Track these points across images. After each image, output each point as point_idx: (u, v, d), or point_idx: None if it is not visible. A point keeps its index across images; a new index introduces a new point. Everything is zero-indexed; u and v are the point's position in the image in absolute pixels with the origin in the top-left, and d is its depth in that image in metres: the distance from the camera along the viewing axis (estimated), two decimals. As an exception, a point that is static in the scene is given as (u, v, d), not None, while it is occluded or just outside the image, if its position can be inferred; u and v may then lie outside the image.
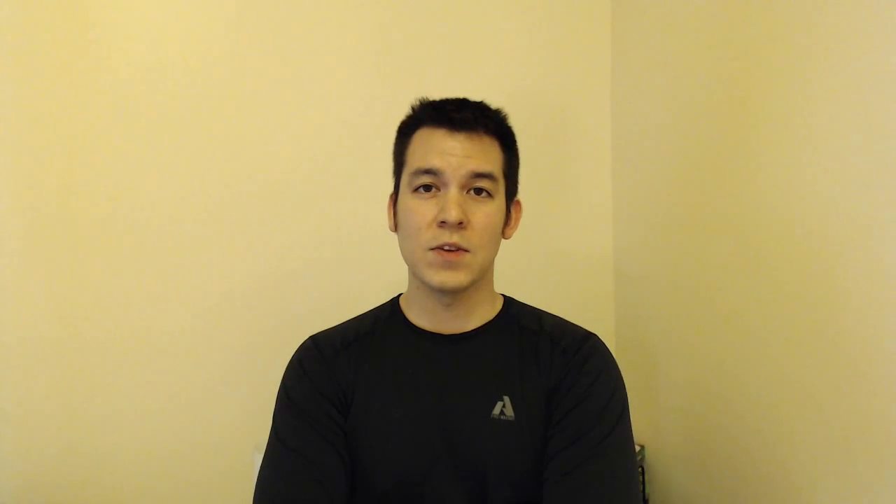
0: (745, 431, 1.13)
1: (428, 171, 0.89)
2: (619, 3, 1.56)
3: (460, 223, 0.86)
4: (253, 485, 0.90)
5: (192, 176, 1.40)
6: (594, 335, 0.95)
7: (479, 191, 0.89)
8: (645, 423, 1.42)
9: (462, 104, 0.93)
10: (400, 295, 1.02)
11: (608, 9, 1.59)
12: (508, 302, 1.01)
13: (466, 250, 0.88)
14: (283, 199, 1.43)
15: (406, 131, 0.96)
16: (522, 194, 1.02)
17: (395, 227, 0.96)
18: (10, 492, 1.31)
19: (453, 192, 0.87)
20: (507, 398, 0.90)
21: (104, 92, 1.36)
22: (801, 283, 1.00)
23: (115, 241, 1.37)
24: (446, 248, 0.87)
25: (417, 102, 0.97)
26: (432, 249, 0.88)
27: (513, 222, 0.99)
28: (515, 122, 0.99)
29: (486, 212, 0.90)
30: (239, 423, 1.39)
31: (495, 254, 0.94)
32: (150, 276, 1.38)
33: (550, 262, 1.56)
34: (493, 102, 0.97)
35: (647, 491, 1.43)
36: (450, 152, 0.89)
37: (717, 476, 1.22)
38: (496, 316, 0.97)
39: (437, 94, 0.97)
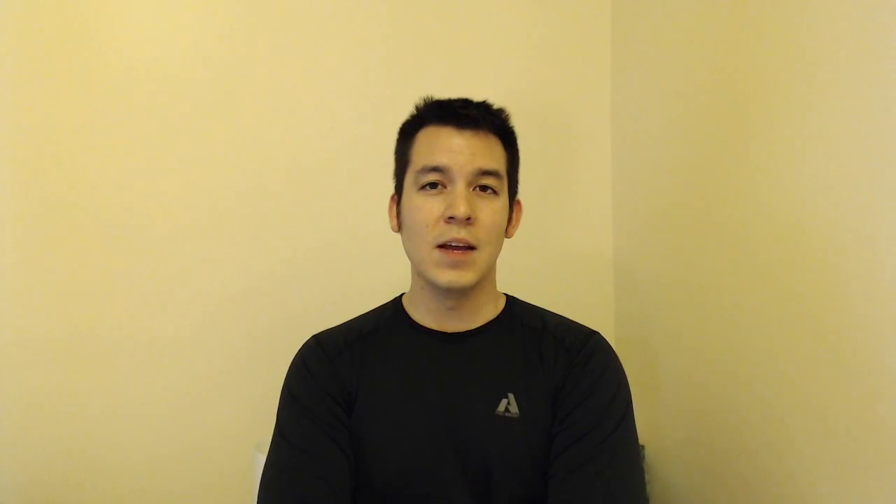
0: (746, 431, 1.13)
1: (435, 169, 0.89)
2: (619, 3, 1.56)
3: (468, 219, 0.87)
4: (253, 484, 0.90)
5: (193, 176, 1.40)
6: (597, 333, 0.96)
7: (484, 188, 0.90)
8: (645, 422, 1.42)
9: (467, 102, 0.94)
10: (402, 294, 1.02)
11: (608, 9, 1.59)
12: (511, 301, 1.01)
13: (474, 247, 0.88)
14: (284, 199, 1.43)
15: (410, 130, 0.96)
16: (523, 194, 1.02)
17: (398, 228, 0.96)
18: (11, 492, 1.30)
19: (461, 188, 0.88)
20: (511, 395, 0.90)
21: (106, 93, 1.36)
22: (801, 283, 1.00)
23: (116, 241, 1.36)
24: (454, 244, 0.87)
25: (422, 102, 0.97)
26: (439, 247, 0.88)
27: (514, 221, 1.00)
28: (516, 122, 0.99)
29: (493, 209, 0.90)
30: (239, 423, 1.39)
31: (499, 252, 0.95)
32: (150, 277, 1.38)
33: (550, 262, 1.56)
34: (494, 102, 0.98)
35: (647, 490, 1.43)
36: (457, 150, 0.89)
37: (717, 475, 1.22)
38: (499, 314, 0.98)
39: (437, 95, 0.98)
